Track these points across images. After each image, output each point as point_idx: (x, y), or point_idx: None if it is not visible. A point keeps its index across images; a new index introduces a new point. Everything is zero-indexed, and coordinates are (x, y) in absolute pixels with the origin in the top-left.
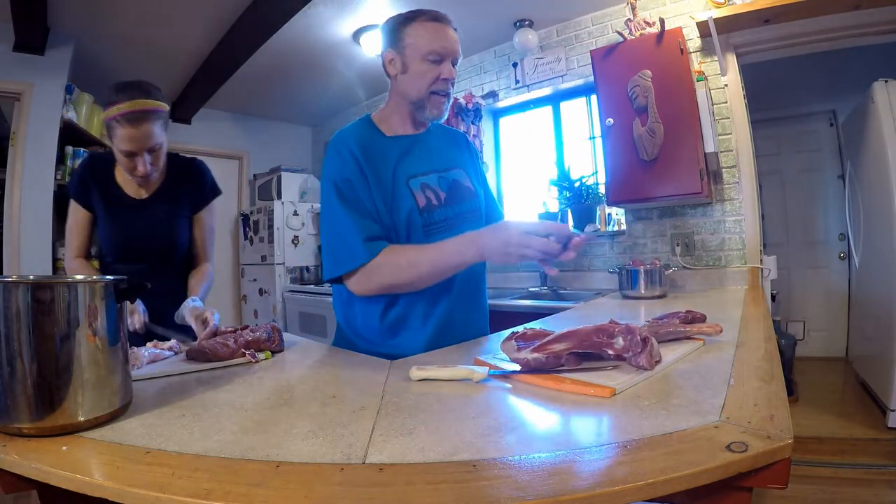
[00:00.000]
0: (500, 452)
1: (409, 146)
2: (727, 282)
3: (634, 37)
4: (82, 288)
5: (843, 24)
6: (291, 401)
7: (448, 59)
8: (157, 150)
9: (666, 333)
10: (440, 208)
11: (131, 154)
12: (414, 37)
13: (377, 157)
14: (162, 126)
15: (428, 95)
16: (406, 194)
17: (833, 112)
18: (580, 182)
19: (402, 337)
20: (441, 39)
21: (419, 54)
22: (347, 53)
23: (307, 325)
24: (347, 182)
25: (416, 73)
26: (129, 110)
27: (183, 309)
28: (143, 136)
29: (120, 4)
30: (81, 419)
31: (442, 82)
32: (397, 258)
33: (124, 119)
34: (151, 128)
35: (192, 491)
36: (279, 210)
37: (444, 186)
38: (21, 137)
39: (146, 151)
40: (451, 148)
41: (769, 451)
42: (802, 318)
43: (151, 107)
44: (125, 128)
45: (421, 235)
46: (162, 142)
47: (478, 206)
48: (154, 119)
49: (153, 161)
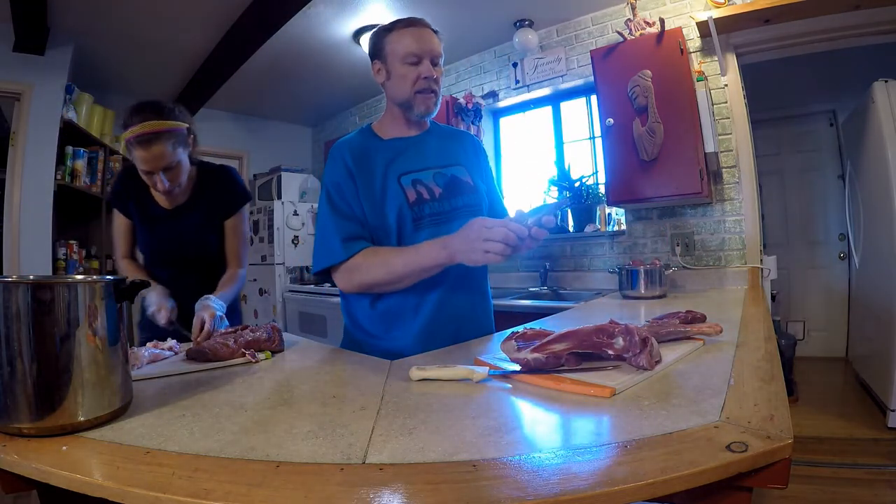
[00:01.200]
0: (500, 452)
1: (404, 147)
2: (727, 282)
3: (634, 37)
4: (82, 288)
5: (843, 24)
6: (291, 401)
7: (426, 58)
8: (174, 169)
9: (666, 333)
10: (432, 203)
11: (148, 173)
12: (392, 44)
13: (370, 161)
14: (177, 145)
15: (413, 95)
16: (397, 191)
17: (833, 112)
18: (580, 182)
19: (397, 329)
20: (416, 41)
21: (398, 59)
22: (347, 53)
23: (307, 325)
24: (337, 187)
25: (399, 77)
26: (140, 132)
27: (196, 305)
28: (155, 157)
29: (120, 4)
30: (81, 419)
31: (423, 81)
32: (374, 259)
33: (136, 141)
34: (165, 148)
35: (192, 491)
36: (279, 210)
37: (441, 182)
38: (21, 137)
39: (161, 170)
40: (452, 147)
41: (769, 451)
42: (802, 318)
43: (164, 128)
44: (138, 150)
45: (411, 229)
46: (178, 160)
47: (477, 201)
48: (166, 140)
49: (171, 179)
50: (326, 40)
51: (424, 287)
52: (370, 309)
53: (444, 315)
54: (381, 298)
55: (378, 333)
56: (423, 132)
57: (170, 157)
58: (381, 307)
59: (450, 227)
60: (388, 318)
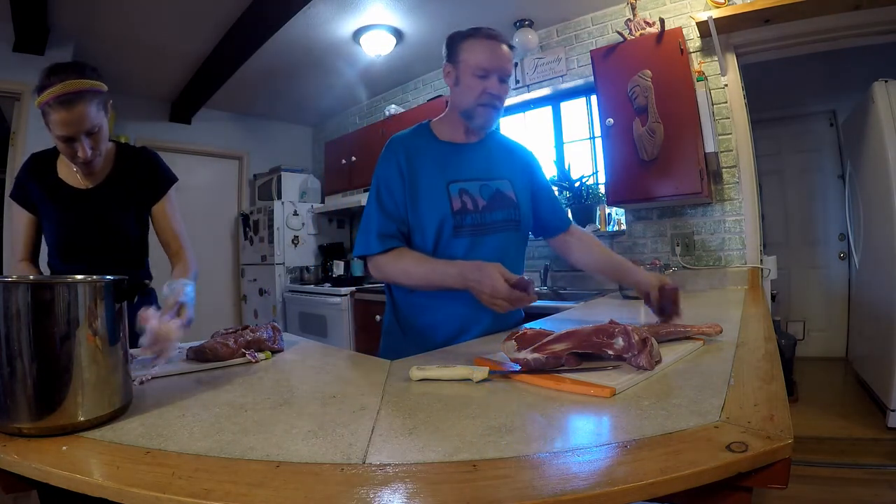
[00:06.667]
0: (500, 452)
1: (457, 153)
2: (727, 282)
3: (634, 37)
4: (82, 288)
5: (843, 24)
6: (291, 401)
7: (494, 74)
8: (97, 133)
9: (666, 333)
10: (474, 214)
11: (69, 139)
12: (467, 52)
13: (422, 161)
14: (99, 107)
15: (475, 107)
16: (444, 197)
17: (833, 112)
18: (580, 182)
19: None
20: (490, 57)
21: (469, 69)
22: (347, 53)
23: (307, 325)
24: (387, 183)
25: (466, 87)
26: (61, 92)
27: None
28: (77, 118)
29: (120, 4)
30: (81, 419)
31: (487, 96)
32: (398, 262)
33: (56, 102)
34: (87, 109)
35: (192, 491)
36: (279, 210)
37: (486, 195)
38: (21, 137)
39: (84, 135)
40: (503, 159)
41: (769, 451)
42: (802, 318)
43: (85, 87)
44: (58, 112)
45: (450, 235)
46: (100, 123)
47: (515, 217)
48: (89, 100)
49: (93, 145)
50: (326, 40)
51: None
52: (407, 294)
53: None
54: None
55: (417, 314)
56: (478, 141)
57: (93, 120)
58: (417, 295)
59: (486, 238)
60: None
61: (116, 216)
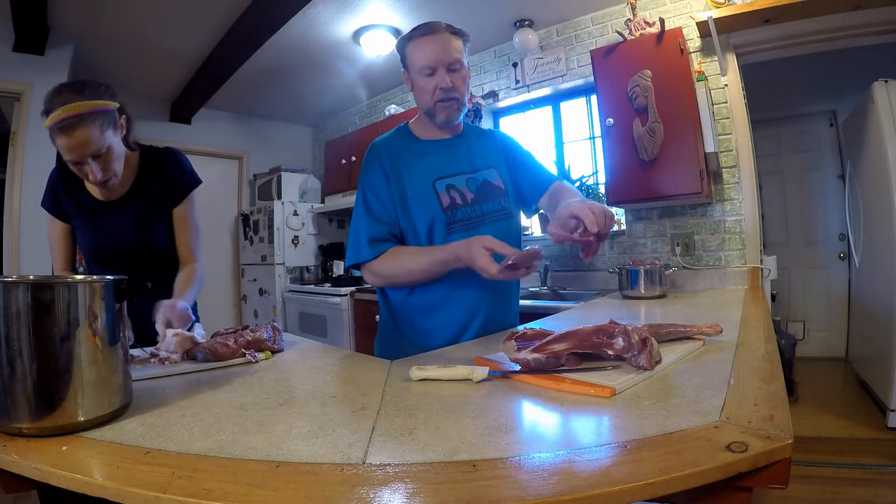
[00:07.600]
0: (500, 452)
1: (440, 150)
2: (727, 282)
3: (634, 37)
4: (82, 288)
5: (843, 24)
6: (291, 401)
7: (441, 67)
8: (105, 155)
9: (666, 333)
10: (464, 208)
11: (76, 164)
12: (411, 55)
13: (405, 162)
14: (105, 127)
15: (433, 105)
16: (431, 195)
17: (833, 112)
18: (580, 182)
19: (430, 320)
20: (430, 52)
21: (416, 70)
22: (347, 53)
23: (307, 325)
24: (373, 188)
25: (420, 89)
26: (60, 118)
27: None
28: (79, 143)
29: (120, 4)
30: (81, 419)
31: (440, 91)
32: (396, 261)
33: (57, 128)
34: (89, 133)
35: (192, 491)
36: (279, 210)
37: (473, 187)
38: (21, 137)
39: (91, 158)
40: (483, 149)
41: (769, 451)
42: (802, 318)
43: (87, 109)
44: (60, 137)
45: (444, 233)
46: (107, 144)
47: (505, 205)
48: (90, 122)
49: (102, 167)
50: (326, 40)
51: (455, 282)
52: (405, 300)
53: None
54: (413, 292)
55: (411, 324)
56: (456, 135)
57: (97, 143)
58: (413, 300)
59: (480, 231)
60: (420, 310)
61: (141, 227)
